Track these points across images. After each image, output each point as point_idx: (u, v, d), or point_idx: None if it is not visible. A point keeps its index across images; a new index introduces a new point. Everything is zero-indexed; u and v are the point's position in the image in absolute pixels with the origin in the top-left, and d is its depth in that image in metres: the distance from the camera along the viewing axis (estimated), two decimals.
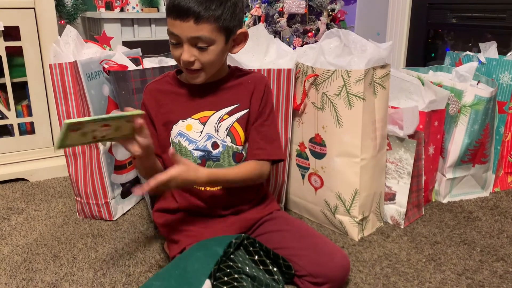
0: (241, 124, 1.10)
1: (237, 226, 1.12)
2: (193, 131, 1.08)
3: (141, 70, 1.34)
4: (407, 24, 2.27)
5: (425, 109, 1.44)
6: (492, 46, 1.70)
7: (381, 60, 1.29)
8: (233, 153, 1.09)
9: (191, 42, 0.98)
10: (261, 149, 1.10)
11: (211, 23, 0.96)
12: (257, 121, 1.11)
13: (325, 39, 1.39)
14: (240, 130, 1.10)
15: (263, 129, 1.11)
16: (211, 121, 1.08)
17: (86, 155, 1.42)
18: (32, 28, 1.68)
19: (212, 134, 1.08)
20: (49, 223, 1.44)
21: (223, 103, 1.09)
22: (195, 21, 0.94)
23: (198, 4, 0.93)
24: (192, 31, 0.96)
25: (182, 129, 1.09)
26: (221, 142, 1.09)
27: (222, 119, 1.09)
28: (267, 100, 1.12)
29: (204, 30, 0.96)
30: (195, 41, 0.98)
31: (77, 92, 1.37)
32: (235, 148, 1.09)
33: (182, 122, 1.09)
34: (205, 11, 0.94)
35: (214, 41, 0.98)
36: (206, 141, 1.08)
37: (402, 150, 1.39)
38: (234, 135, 1.09)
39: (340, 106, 1.30)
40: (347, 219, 1.35)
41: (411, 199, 1.43)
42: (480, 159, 1.61)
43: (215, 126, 1.08)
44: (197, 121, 1.09)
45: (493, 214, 1.51)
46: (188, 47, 0.98)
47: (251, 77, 1.14)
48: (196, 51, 0.99)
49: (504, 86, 1.64)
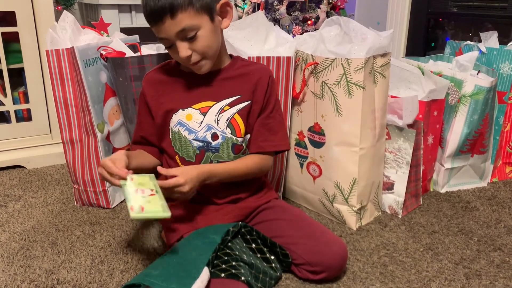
0: (241, 116, 1.09)
1: (235, 214, 1.12)
2: (193, 121, 1.07)
3: (139, 57, 1.33)
4: (407, 13, 2.25)
5: (425, 98, 1.43)
6: (493, 35, 1.69)
7: (381, 49, 1.28)
8: (232, 145, 1.09)
9: (179, 37, 0.97)
10: (267, 141, 1.10)
11: (186, 10, 0.95)
12: (262, 114, 1.10)
13: (325, 27, 1.38)
14: (240, 122, 1.09)
15: (268, 121, 1.11)
16: (211, 111, 1.08)
17: (83, 143, 1.41)
18: (28, 13, 1.65)
19: (212, 125, 1.07)
20: (47, 210, 1.43)
21: (224, 94, 1.08)
22: (171, 16, 0.94)
23: (165, 0, 0.93)
24: (174, 27, 0.95)
25: (182, 118, 1.08)
26: (221, 133, 1.08)
27: (223, 110, 1.08)
28: (272, 92, 1.12)
29: (183, 21, 0.95)
30: (182, 35, 0.97)
31: (74, 78, 1.36)
32: (235, 139, 1.09)
33: (183, 112, 1.08)
34: (174, 3, 0.93)
35: (199, 26, 0.97)
36: (206, 131, 1.07)
37: (401, 139, 1.39)
38: (234, 127, 1.08)
39: (340, 95, 1.29)
40: (345, 208, 1.35)
41: (410, 189, 1.43)
42: (479, 149, 1.61)
43: (216, 117, 1.07)
44: (198, 111, 1.08)
45: (491, 204, 1.51)
46: (180, 44, 0.98)
47: (255, 68, 1.12)
48: (189, 43, 0.98)
49: (504, 76, 1.63)
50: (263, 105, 1.10)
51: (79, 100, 1.37)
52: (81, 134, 1.41)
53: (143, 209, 0.86)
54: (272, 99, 1.12)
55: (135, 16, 2.09)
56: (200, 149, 1.08)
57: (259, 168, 1.11)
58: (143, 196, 0.90)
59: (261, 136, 1.10)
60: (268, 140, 1.10)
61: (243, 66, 1.13)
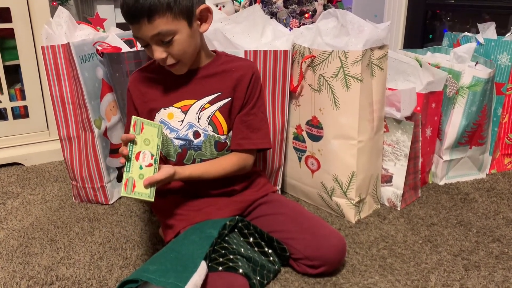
0: (223, 113, 1.08)
1: (231, 208, 1.12)
2: (174, 119, 1.07)
3: (135, 52, 1.32)
4: (404, 5, 2.24)
5: (423, 90, 1.43)
6: (491, 26, 1.68)
7: (379, 41, 1.27)
8: (215, 142, 1.08)
9: (155, 40, 0.96)
10: (245, 139, 1.09)
11: (164, 15, 0.93)
12: (242, 110, 1.09)
13: (322, 19, 1.37)
14: (222, 120, 1.08)
15: (248, 118, 1.09)
16: (192, 109, 1.07)
17: (81, 139, 1.40)
18: (23, 9, 1.64)
19: (194, 123, 1.07)
20: (45, 207, 1.43)
21: (205, 91, 1.08)
22: (148, 20, 0.93)
23: (143, 2, 0.91)
24: (149, 30, 0.94)
25: (164, 117, 1.08)
26: (202, 131, 1.07)
27: (204, 108, 1.07)
28: (254, 88, 1.09)
29: (160, 25, 0.93)
30: (158, 38, 0.96)
31: (71, 74, 1.35)
32: (217, 137, 1.08)
33: (164, 110, 1.08)
34: (153, 7, 0.91)
35: (175, 31, 0.96)
36: (188, 130, 1.07)
37: (399, 132, 1.38)
38: (216, 125, 1.08)
39: (337, 87, 1.28)
40: (344, 202, 1.35)
41: (408, 181, 1.43)
42: (477, 141, 1.61)
43: (197, 115, 1.07)
44: (179, 110, 1.07)
45: (490, 196, 1.51)
46: (155, 46, 0.97)
47: (237, 65, 1.11)
48: (164, 46, 0.97)
49: (502, 67, 1.62)
50: (243, 102, 1.09)
51: (75, 96, 1.37)
52: (78, 130, 1.40)
53: (134, 188, 0.91)
54: (254, 96, 1.10)
55: None
56: (182, 148, 1.07)
57: (237, 167, 1.09)
58: (141, 165, 0.93)
59: (240, 133, 1.09)
60: (247, 138, 1.09)
61: (226, 62, 1.11)
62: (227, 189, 1.12)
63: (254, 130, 1.10)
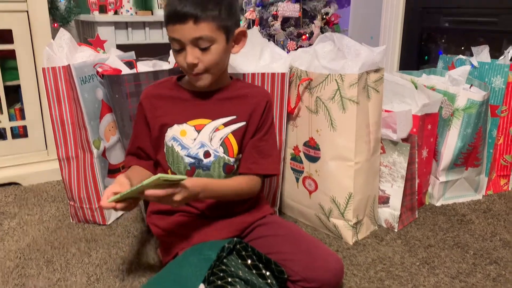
0: (236, 136, 1.09)
1: (230, 230, 1.12)
2: (187, 137, 1.08)
3: (135, 74, 1.34)
4: (400, 28, 2.28)
5: (419, 112, 1.45)
6: (485, 50, 1.71)
7: (374, 64, 1.30)
8: (224, 164, 1.09)
9: (193, 43, 0.99)
10: (256, 164, 1.10)
11: (210, 22, 0.97)
12: (255, 136, 1.11)
13: (319, 43, 1.40)
14: (234, 142, 1.09)
15: (260, 143, 1.11)
16: (206, 129, 1.08)
17: (79, 159, 1.41)
18: (25, 31, 1.67)
19: (205, 143, 1.08)
20: (42, 227, 1.43)
21: (220, 113, 1.09)
22: (194, 22, 0.96)
23: (195, 6, 0.95)
24: (192, 32, 0.97)
25: (177, 133, 1.09)
26: (213, 151, 1.08)
27: (217, 129, 1.08)
28: (268, 116, 1.12)
29: (204, 30, 0.97)
30: (197, 42, 0.99)
31: (71, 96, 1.36)
32: (227, 159, 1.09)
33: (178, 127, 1.09)
34: (202, 12, 0.96)
35: (215, 40, 0.99)
36: (199, 149, 1.08)
37: (396, 153, 1.40)
38: (228, 147, 1.09)
39: (334, 109, 1.30)
40: (342, 223, 1.35)
41: (405, 202, 1.44)
42: (473, 162, 1.62)
43: (210, 135, 1.08)
44: (193, 128, 1.08)
45: (486, 217, 1.52)
46: (191, 49, 0.99)
47: (254, 91, 1.14)
48: (199, 52, 1.00)
49: (497, 90, 1.65)
50: (257, 128, 1.11)
51: (75, 117, 1.38)
52: (77, 150, 1.41)
53: None
54: (267, 123, 1.12)
55: (131, 32, 2.11)
56: (191, 166, 1.08)
57: (249, 189, 1.10)
58: None
59: (251, 158, 1.10)
60: (258, 163, 1.10)
61: (242, 88, 1.14)
62: (226, 210, 1.12)
63: (265, 156, 1.11)
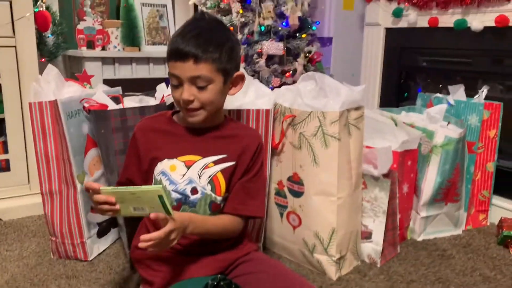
0: (224, 175, 1.10)
1: (213, 266, 1.11)
2: (176, 172, 1.09)
3: (122, 109, 1.36)
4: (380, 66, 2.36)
5: (399, 148, 1.49)
6: (460, 89, 1.79)
7: (355, 103, 1.35)
8: (210, 202, 1.09)
9: (191, 81, 1.02)
10: (242, 205, 1.11)
11: (210, 64, 1.01)
12: (244, 177, 1.12)
13: (302, 81, 1.44)
14: (222, 181, 1.10)
15: (248, 185, 1.12)
16: (196, 166, 1.09)
17: (63, 194, 1.40)
18: (12, 66, 1.69)
19: (194, 179, 1.09)
20: (22, 263, 1.40)
21: (211, 151, 1.11)
22: (194, 61, 1.00)
23: (196, 47, 0.99)
24: (192, 71, 1.00)
25: (166, 168, 1.09)
26: (201, 188, 1.09)
27: (207, 166, 1.09)
28: (258, 158, 1.14)
29: (203, 70, 1.01)
30: (195, 80, 1.02)
31: (56, 130, 1.37)
32: (214, 197, 1.09)
33: (167, 161, 1.10)
34: (203, 53, 1.00)
35: (212, 80, 1.03)
36: (186, 185, 1.08)
37: (377, 189, 1.43)
38: (216, 185, 1.09)
39: (317, 145, 1.33)
40: (325, 258, 1.36)
41: (387, 237, 1.45)
42: (452, 197, 1.66)
43: (199, 172, 1.09)
44: (182, 164, 1.09)
45: (466, 252, 1.54)
46: (188, 86, 1.02)
47: (246, 133, 1.16)
48: (196, 90, 1.03)
49: (473, 127, 1.71)
50: (246, 169, 1.12)
51: (60, 151, 1.38)
52: (61, 185, 1.40)
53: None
54: (257, 165, 1.14)
55: (118, 68, 2.14)
56: (178, 201, 1.09)
57: (233, 228, 1.11)
58: None
59: (238, 198, 1.11)
60: (245, 204, 1.11)
61: (235, 128, 1.17)
62: (210, 247, 1.12)
63: (252, 198, 1.12)
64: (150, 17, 2.29)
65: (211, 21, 1.09)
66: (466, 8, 1.86)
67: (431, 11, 2.01)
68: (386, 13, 2.23)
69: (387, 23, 2.26)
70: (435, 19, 1.98)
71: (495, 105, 1.71)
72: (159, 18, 2.33)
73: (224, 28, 1.11)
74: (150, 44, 2.27)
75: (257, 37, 2.09)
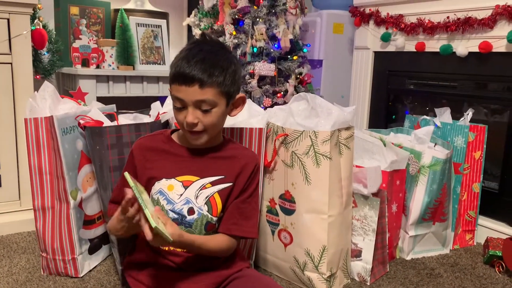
0: (221, 196, 1.12)
1: (206, 283, 1.12)
2: (173, 192, 1.10)
3: (117, 126, 1.38)
4: (369, 89, 2.43)
5: (387, 168, 1.53)
6: (446, 111, 1.85)
7: (345, 123, 1.39)
8: (206, 222, 1.10)
9: (196, 105, 1.04)
10: (236, 225, 1.12)
11: (214, 88, 1.03)
12: (239, 197, 1.13)
13: (294, 101, 1.48)
14: (219, 202, 1.11)
15: (243, 205, 1.14)
16: (193, 186, 1.11)
17: (55, 210, 1.40)
18: (7, 82, 1.70)
19: (191, 200, 1.10)
20: (11, 280, 1.39)
21: (209, 171, 1.12)
22: (200, 86, 1.01)
23: (202, 72, 1.01)
24: (197, 95, 1.02)
25: (164, 187, 1.10)
26: (197, 209, 1.10)
27: (204, 187, 1.11)
28: (254, 179, 1.16)
29: (208, 94, 1.02)
30: (200, 104, 1.03)
31: (51, 146, 1.38)
32: (210, 218, 1.11)
33: (165, 181, 1.11)
34: (208, 78, 1.01)
35: (217, 104, 1.05)
36: (184, 205, 1.09)
37: (367, 207, 1.45)
38: (212, 205, 1.11)
39: (309, 164, 1.36)
40: (316, 276, 1.38)
41: (377, 256, 1.48)
42: (439, 217, 1.69)
43: (196, 192, 1.10)
44: (180, 184, 1.11)
45: (454, 271, 1.57)
46: (192, 110, 1.04)
47: (243, 154, 1.18)
48: (200, 113, 1.04)
49: (459, 149, 1.76)
50: (242, 189, 1.14)
51: (54, 167, 1.39)
52: (54, 201, 1.41)
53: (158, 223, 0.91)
54: (252, 186, 1.16)
55: (112, 85, 2.16)
56: (174, 221, 1.09)
57: (225, 250, 1.12)
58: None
59: (232, 218, 1.12)
60: (238, 224, 1.13)
61: (233, 148, 1.18)
62: (203, 264, 1.13)
63: (245, 218, 1.14)
64: (145, 37, 2.33)
65: (214, 45, 1.11)
66: (452, 34, 1.94)
67: (418, 36, 2.09)
68: (374, 38, 2.31)
69: (376, 47, 2.33)
70: (422, 44, 2.06)
71: (480, 128, 1.76)
72: (153, 38, 2.37)
73: (227, 51, 1.12)
74: (144, 63, 2.30)
75: (249, 58, 2.14)
